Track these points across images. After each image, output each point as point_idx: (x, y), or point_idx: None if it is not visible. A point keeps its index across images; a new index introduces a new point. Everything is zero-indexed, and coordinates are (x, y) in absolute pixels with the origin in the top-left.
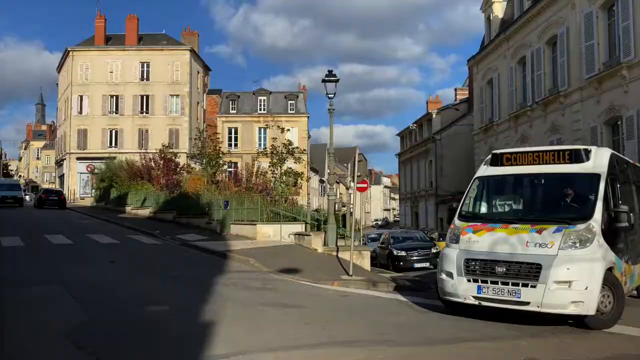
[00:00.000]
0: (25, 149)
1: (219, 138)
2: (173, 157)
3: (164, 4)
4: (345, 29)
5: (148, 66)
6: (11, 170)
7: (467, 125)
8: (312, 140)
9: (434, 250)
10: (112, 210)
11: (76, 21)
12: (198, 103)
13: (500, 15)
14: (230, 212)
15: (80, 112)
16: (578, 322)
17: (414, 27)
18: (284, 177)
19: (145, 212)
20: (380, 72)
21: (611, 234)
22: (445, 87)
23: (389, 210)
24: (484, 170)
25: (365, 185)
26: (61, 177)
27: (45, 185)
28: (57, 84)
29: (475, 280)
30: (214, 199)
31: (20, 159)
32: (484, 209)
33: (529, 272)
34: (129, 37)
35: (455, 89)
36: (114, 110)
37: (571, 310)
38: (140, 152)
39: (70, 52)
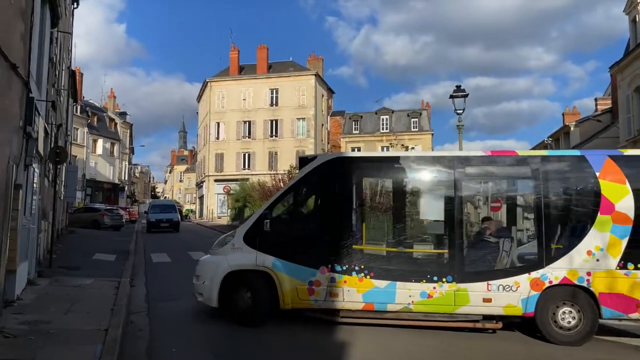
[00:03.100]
0: (169, 172)
1: None
2: None
3: (290, 32)
4: (469, 41)
5: (277, 92)
6: (158, 192)
7: (612, 137)
8: None
9: None
10: None
11: (212, 54)
12: (322, 125)
13: None
14: None
15: (218, 138)
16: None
17: (546, 35)
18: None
19: None
20: (509, 84)
21: (268, 240)
22: (584, 97)
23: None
24: None
25: (498, 204)
26: (201, 197)
27: (187, 206)
28: (197, 112)
29: None
30: None
31: (165, 182)
32: None
33: None
34: (260, 66)
35: (596, 99)
36: (247, 134)
37: (200, 299)
38: (270, 174)
39: (209, 83)
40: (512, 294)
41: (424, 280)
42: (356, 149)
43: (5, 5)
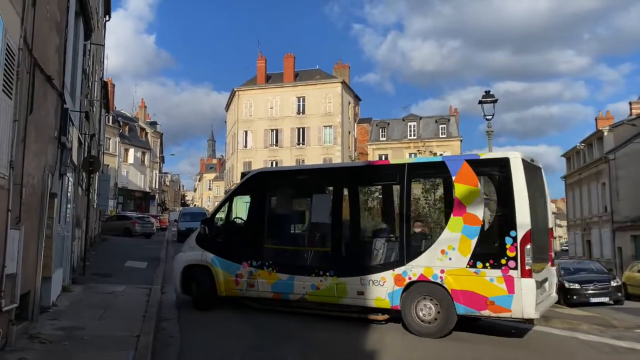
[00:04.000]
0: (199, 180)
1: None
2: None
3: (317, 40)
4: (498, 45)
5: (303, 100)
6: (187, 200)
7: None
8: None
9: (613, 284)
10: None
11: (240, 63)
12: (349, 132)
13: None
14: None
15: (246, 146)
16: None
17: (577, 38)
18: (438, 204)
19: None
20: (539, 89)
21: (209, 241)
22: (618, 100)
23: (555, 238)
24: None
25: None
26: None
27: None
28: (225, 121)
29: None
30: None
31: (195, 190)
32: None
33: None
34: (287, 74)
35: (630, 103)
36: (274, 142)
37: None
38: None
39: (236, 92)
40: (380, 289)
41: (313, 274)
42: (383, 156)
43: (42, 20)
